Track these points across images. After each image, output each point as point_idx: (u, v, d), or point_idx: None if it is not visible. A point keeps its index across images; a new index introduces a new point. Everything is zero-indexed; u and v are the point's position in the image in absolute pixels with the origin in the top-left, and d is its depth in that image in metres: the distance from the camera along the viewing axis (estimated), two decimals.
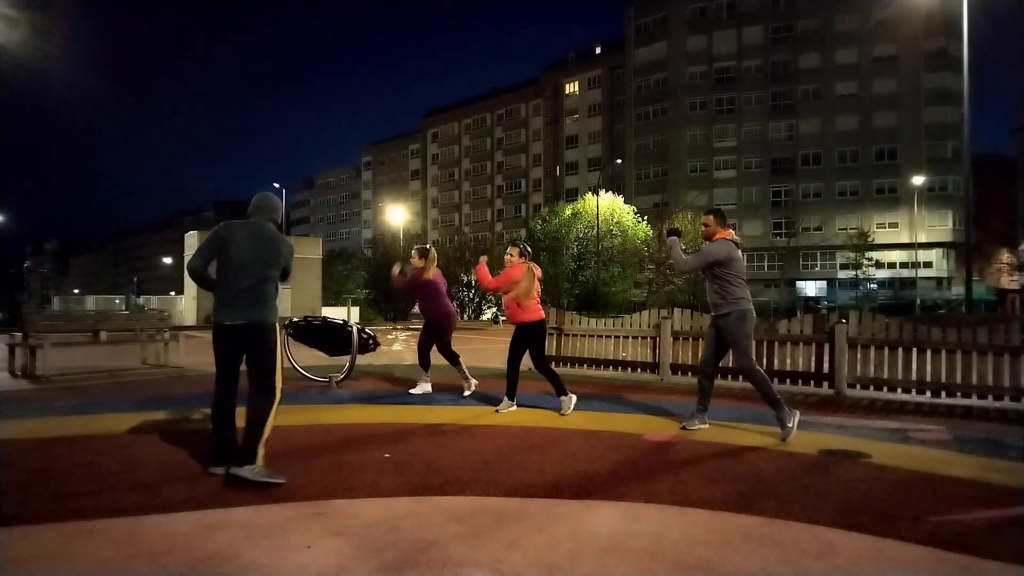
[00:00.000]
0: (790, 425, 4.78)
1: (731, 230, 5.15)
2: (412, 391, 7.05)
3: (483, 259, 6.25)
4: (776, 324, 7.96)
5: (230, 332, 3.71)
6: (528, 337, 5.87)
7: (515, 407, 5.98)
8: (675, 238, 5.40)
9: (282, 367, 3.88)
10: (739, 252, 5.06)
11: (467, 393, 6.86)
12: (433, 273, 6.93)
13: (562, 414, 5.74)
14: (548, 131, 72.57)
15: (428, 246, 7.13)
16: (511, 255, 5.97)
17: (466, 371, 6.99)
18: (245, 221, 3.89)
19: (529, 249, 6.10)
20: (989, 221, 52.57)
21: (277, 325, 3.86)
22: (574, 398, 5.92)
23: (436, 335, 6.99)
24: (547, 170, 72.61)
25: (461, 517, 3.11)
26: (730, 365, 7.61)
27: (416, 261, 6.96)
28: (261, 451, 3.62)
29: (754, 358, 5.16)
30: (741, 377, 7.64)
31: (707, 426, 5.20)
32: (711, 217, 5.18)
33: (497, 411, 5.91)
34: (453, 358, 6.99)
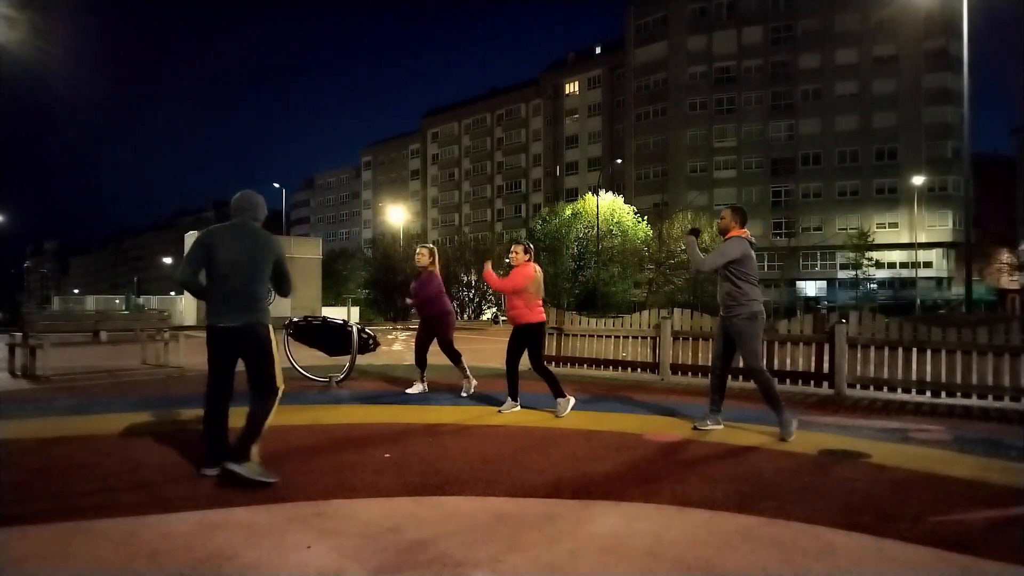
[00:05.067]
0: (790, 430, 4.81)
1: (746, 229, 5.15)
2: (408, 390, 7.08)
3: (488, 264, 6.24)
4: (776, 324, 7.96)
5: (225, 334, 3.70)
6: (528, 338, 5.87)
7: (518, 407, 5.98)
8: (693, 237, 5.34)
9: (281, 365, 3.88)
10: (752, 252, 5.05)
11: (465, 394, 6.86)
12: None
13: (558, 416, 5.72)
14: (548, 131, 72.54)
15: (430, 245, 7.20)
16: (516, 254, 5.95)
17: (468, 371, 7.00)
18: (230, 223, 3.87)
19: (532, 247, 6.11)
20: (989, 221, 52.56)
21: (271, 324, 3.85)
22: (572, 400, 5.88)
23: (435, 333, 7.01)
24: (547, 170, 72.57)
25: (461, 517, 3.11)
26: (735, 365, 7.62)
27: (424, 260, 6.99)
28: (255, 449, 3.62)
29: (762, 360, 5.15)
30: (742, 377, 7.66)
31: (721, 427, 5.19)
32: (730, 212, 5.17)
33: (500, 411, 5.91)
34: (455, 357, 6.99)
